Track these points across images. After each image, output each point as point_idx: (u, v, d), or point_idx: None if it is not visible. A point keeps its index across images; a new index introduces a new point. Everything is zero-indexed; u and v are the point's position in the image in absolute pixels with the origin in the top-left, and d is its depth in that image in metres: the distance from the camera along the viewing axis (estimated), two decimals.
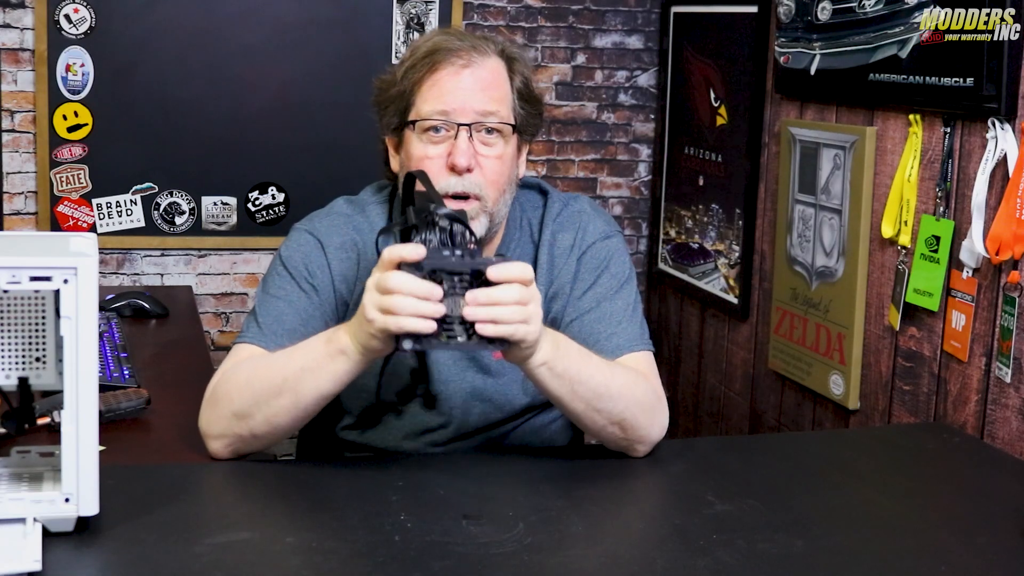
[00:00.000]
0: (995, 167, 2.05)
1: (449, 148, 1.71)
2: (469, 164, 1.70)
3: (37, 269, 1.27)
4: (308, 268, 1.76)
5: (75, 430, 1.31)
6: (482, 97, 1.72)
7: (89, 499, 1.33)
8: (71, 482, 1.32)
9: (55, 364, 1.37)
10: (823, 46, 2.56)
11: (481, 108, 1.72)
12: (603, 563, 1.37)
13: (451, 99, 1.71)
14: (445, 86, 1.71)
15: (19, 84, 3.15)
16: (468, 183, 1.70)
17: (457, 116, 1.71)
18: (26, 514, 1.32)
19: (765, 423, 2.94)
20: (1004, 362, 2.04)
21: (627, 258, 1.87)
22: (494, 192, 1.73)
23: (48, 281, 1.28)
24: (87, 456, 1.32)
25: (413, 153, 1.73)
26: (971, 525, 1.55)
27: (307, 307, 1.74)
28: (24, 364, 1.37)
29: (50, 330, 1.36)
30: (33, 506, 1.33)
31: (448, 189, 1.70)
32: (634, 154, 3.63)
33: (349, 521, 1.45)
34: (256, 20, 3.29)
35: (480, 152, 1.72)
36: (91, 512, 1.34)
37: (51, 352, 1.37)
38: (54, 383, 1.37)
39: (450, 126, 1.71)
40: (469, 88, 1.72)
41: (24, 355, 1.37)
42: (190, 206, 3.32)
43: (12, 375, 1.37)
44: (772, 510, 1.54)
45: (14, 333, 1.36)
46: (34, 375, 1.37)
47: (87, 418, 1.31)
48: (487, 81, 1.73)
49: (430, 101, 1.72)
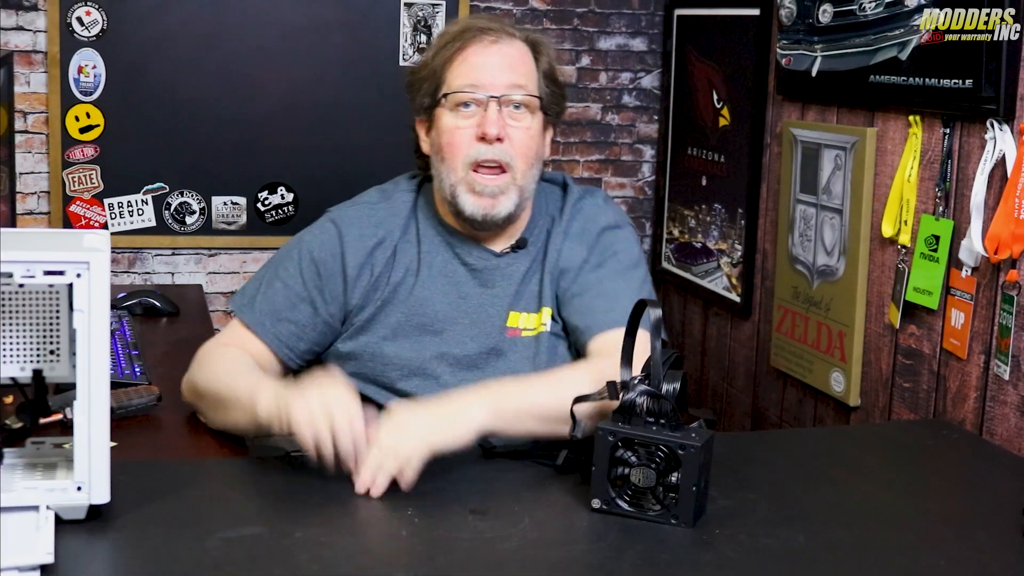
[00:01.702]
0: (994, 167, 2.07)
1: (479, 120, 1.78)
2: (499, 133, 1.77)
3: (51, 263, 1.30)
4: (317, 260, 1.85)
5: (87, 420, 1.34)
6: (510, 72, 1.80)
7: (100, 487, 1.36)
8: (83, 471, 1.35)
9: (69, 357, 1.39)
10: (824, 48, 2.58)
11: (509, 81, 1.79)
12: (607, 557, 1.38)
13: (480, 73, 1.79)
14: (475, 61, 1.80)
15: (32, 86, 3.18)
16: (498, 151, 1.78)
17: (487, 89, 1.79)
18: (39, 502, 1.35)
19: (767, 420, 2.96)
20: (1003, 360, 2.06)
21: (637, 248, 1.91)
22: (523, 164, 1.80)
23: (61, 275, 1.31)
24: (99, 445, 1.35)
25: (444, 127, 1.81)
26: (970, 520, 1.55)
27: (302, 295, 1.84)
28: (39, 357, 1.39)
29: (64, 324, 1.39)
30: (46, 494, 1.35)
31: (479, 156, 1.78)
32: (638, 155, 3.64)
33: (357, 516, 1.46)
34: (265, 23, 3.31)
35: (509, 124, 1.79)
36: (102, 500, 1.36)
37: (64, 345, 1.39)
38: (68, 375, 1.39)
39: (480, 100, 1.78)
40: (498, 64, 1.80)
41: (39, 348, 1.39)
42: (200, 206, 3.35)
43: (27, 367, 1.39)
44: (774, 505, 1.55)
45: (29, 327, 1.38)
46: (48, 368, 1.39)
47: (99, 409, 1.34)
48: (514, 58, 1.82)
49: (460, 76, 1.80)
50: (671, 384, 1.48)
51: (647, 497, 1.46)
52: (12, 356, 1.38)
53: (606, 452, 1.46)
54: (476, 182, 1.79)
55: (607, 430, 1.46)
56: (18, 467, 1.43)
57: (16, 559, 1.25)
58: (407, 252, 1.87)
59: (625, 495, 1.47)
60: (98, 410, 1.34)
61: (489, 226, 1.83)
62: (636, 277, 1.86)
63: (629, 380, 1.49)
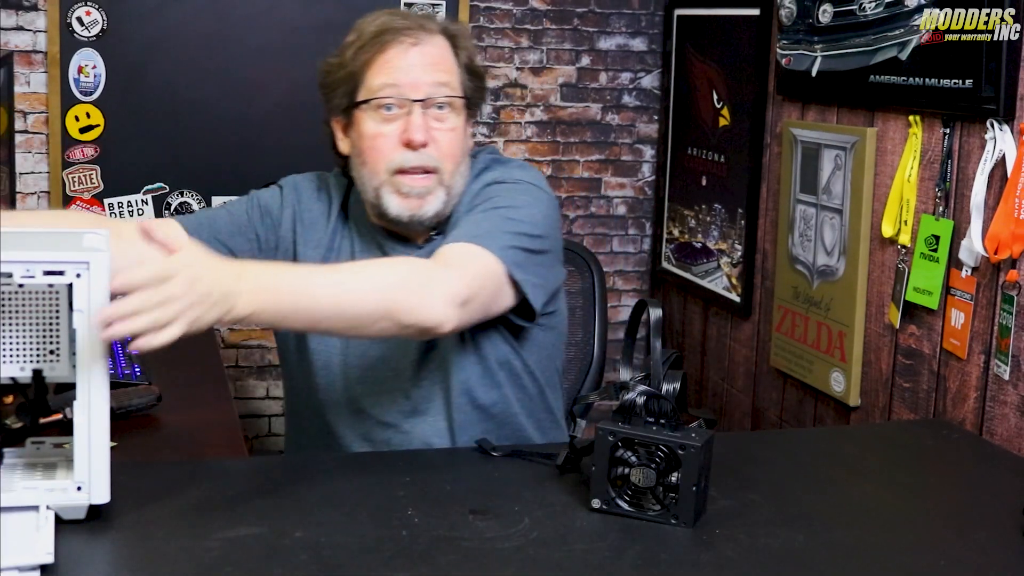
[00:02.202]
0: (994, 167, 2.07)
1: (403, 125, 1.75)
2: (425, 139, 1.74)
3: (51, 263, 1.30)
4: (264, 207, 1.88)
5: (87, 420, 1.34)
6: (432, 72, 1.76)
7: (100, 487, 1.36)
8: (83, 470, 1.35)
9: (68, 357, 1.39)
10: (824, 48, 2.58)
11: (432, 80, 1.75)
12: (607, 557, 1.38)
13: (402, 76, 1.75)
14: (395, 64, 1.75)
15: (32, 86, 3.18)
16: (425, 157, 1.75)
17: (409, 92, 1.74)
18: (39, 502, 1.35)
19: (767, 420, 2.96)
20: (1002, 360, 2.06)
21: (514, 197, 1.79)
22: (450, 165, 1.77)
23: (61, 275, 1.31)
24: (99, 445, 1.35)
25: (366, 132, 1.77)
26: (970, 520, 1.56)
27: (244, 228, 1.85)
28: (38, 357, 1.39)
29: (63, 323, 1.39)
30: (46, 494, 1.36)
31: (404, 164, 1.74)
32: (638, 155, 3.65)
33: (357, 516, 1.47)
34: (266, 23, 3.31)
35: (433, 127, 1.76)
36: (102, 500, 1.36)
37: (64, 345, 1.39)
38: (68, 375, 1.40)
39: (403, 103, 1.75)
40: (419, 65, 1.76)
41: (38, 348, 1.39)
42: (200, 206, 3.35)
43: (27, 367, 1.40)
44: (774, 505, 1.55)
45: (29, 326, 1.39)
46: (48, 367, 1.40)
47: (99, 409, 1.34)
48: (435, 57, 1.78)
49: (381, 79, 1.75)
50: (671, 384, 1.48)
51: (647, 497, 1.46)
52: (12, 356, 1.39)
53: (606, 452, 1.46)
54: (403, 184, 1.75)
55: (607, 430, 1.46)
56: (18, 467, 1.44)
57: (16, 559, 1.25)
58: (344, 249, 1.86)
59: (625, 495, 1.47)
60: (98, 410, 1.34)
61: (416, 226, 1.79)
62: (507, 215, 1.74)
63: (629, 380, 1.50)
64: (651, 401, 1.46)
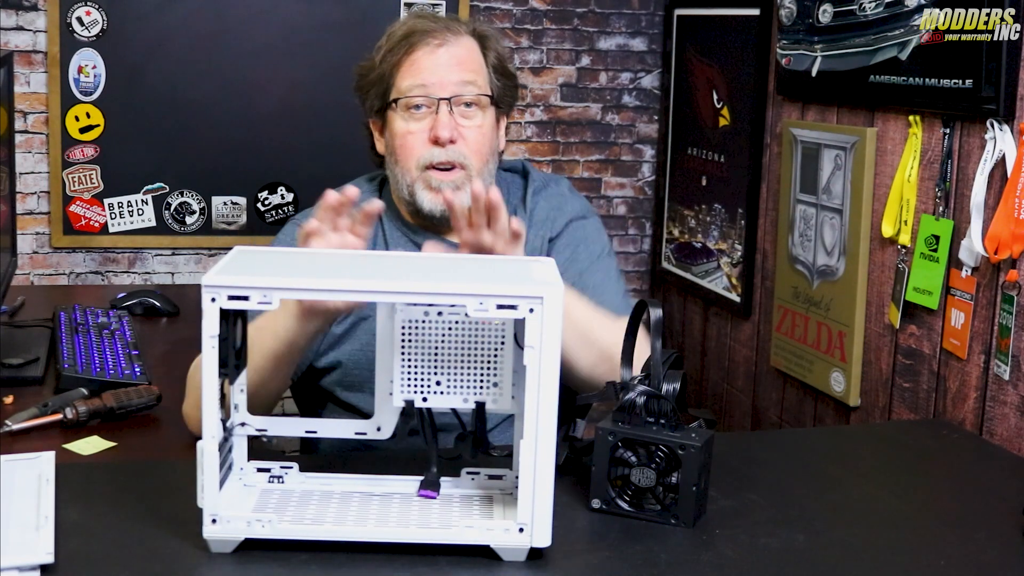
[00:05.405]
0: (994, 167, 2.07)
1: (431, 123, 1.80)
2: (451, 136, 1.79)
3: (505, 297, 1.25)
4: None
5: (533, 460, 1.28)
6: (459, 71, 1.81)
7: (543, 530, 1.31)
8: (526, 511, 1.30)
9: (510, 389, 1.38)
10: (824, 48, 2.58)
11: (459, 79, 1.81)
12: (606, 558, 1.38)
13: (429, 75, 1.80)
14: (423, 64, 1.81)
15: (32, 86, 3.18)
16: (452, 153, 1.80)
17: (436, 91, 1.80)
18: (479, 541, 1.31)
19: (767, 420, 2.96)
20: (1003, 360, 2.06)
21: (604, 235, 1.94)
22: (478, 161, 1.82)
23: (514, 309, 1.25)
24: (543, 485, 1.30)
25: (397, 131, 1.83)
26: (970, 520, 1.56)
27: None
28: (482, 389, 1.38)
29: (506, 356, 1.37)
30: (486, 533, 1.31)
31: (432, 159, 1.80)
32: (638, 155, 3.65)
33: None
34: (266, 23, 3.32)
35: (461, 124, 1.81)
36: (544, 544, 1.31)
37: (506, 378, 1.38)
38: (508, 408, 1.39)
39: (431, 102, 1.80)
40: (446, 64, 1.81)
41: (483, 380, 1.38)
42: (200, 206, 3.35)
43: (470, 399, 1.39)
44: (774, 505, 1.55)
45: (475, 358, 1.37)
46: (491, 400, 1.39)
47: (545, 448, 1.28)
48: (462, 57, 1.83)
49: (409, 80, 1.81)
50: (671, 384, 1.48)
51: (647, 497, 1.46)
52: (456, 387, 1.38)
53: (606, 452, 1.46)
54: (432, 178, 1.81)
55: (607, 430, 1.46)
56: (455, 499, 1.42)
57: (16, 559, 1.25)
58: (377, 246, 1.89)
59: (625, 495, 1.47)
60: (544, 449, 1.28)
61: (449, 221, 1.81)
62: (610, 265, 1.90)
63: (629, 380, 1.50)
64: (651, 401, 1.46)
